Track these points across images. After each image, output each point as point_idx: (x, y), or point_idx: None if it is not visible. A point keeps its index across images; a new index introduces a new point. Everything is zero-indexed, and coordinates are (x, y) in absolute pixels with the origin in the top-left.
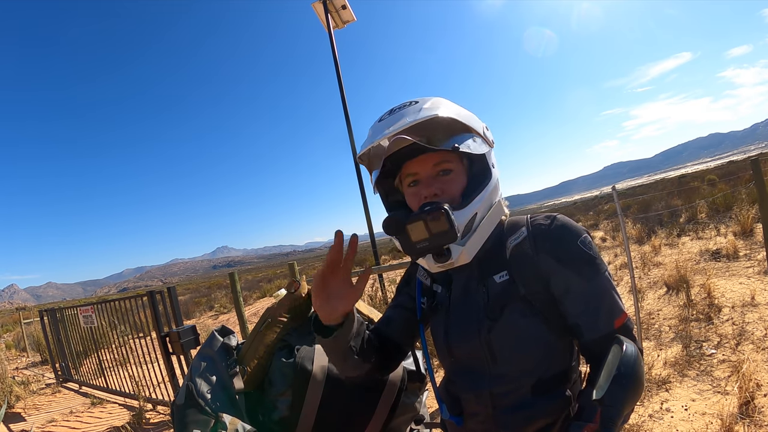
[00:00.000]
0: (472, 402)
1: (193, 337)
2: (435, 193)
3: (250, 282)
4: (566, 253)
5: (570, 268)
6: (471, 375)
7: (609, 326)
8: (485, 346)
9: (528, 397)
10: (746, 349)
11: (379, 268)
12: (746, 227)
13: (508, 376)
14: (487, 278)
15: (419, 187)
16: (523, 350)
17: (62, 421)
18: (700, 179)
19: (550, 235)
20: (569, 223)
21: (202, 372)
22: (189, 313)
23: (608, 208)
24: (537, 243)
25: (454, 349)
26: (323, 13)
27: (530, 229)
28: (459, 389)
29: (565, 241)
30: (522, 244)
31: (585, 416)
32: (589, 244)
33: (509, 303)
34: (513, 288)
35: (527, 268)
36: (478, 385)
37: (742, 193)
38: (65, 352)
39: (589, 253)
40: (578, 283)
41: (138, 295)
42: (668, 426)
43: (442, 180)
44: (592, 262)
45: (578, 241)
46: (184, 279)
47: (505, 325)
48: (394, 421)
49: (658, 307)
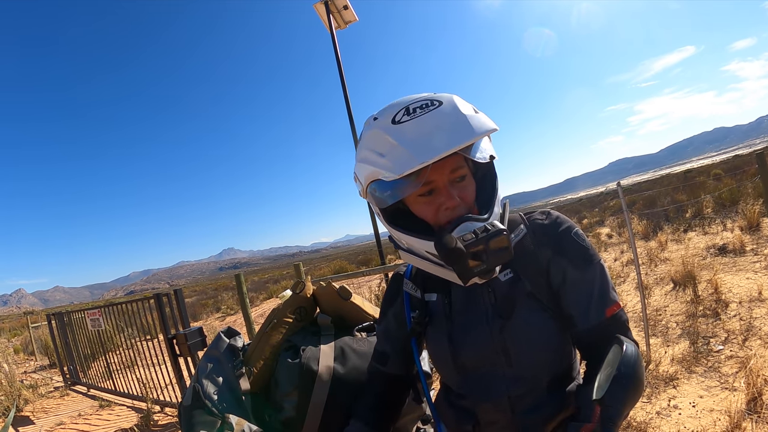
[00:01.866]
0: (490, 411)
1: (200, 338)
2: (457, 202)
3: (257, 283)
4: (562, 245)
5: (565, 259)
6: (484, 382)
7: (600, 315)
8: (499, 348)
9: (545, 396)
10: (754, 345)
11: (385, 267)
12: (753, 222)
13: (525, 376)
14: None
15: (436, 196)
16: (537, 348)
17: (71, 424)
18: (706, 174)
19: (547, 230)
20: (562, 217)
21: (209, 373)
22: (196, 315)
23: (614, 205)
24: (536, 238)
25: (462, 357)
26: (325, 13)
27: (528, 225)
28: (472, 401)
29: (560, 234)
30: (523, 241)
31: (582, 416)
32: (581, 236)
33: (518, 300)
34: (519, 285)
35: (530, 263)
36: (496, 392)
37: (748, 188)
38: (73, 356)
39: (582, 244)
40: (572, 273)
41: (145, 297)
42: (676, 423)
43: (458, 187)
44: (585, 252)
45: (572, 233)
46: (190, 281)
47: (517, 323)
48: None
49: (665, 303)
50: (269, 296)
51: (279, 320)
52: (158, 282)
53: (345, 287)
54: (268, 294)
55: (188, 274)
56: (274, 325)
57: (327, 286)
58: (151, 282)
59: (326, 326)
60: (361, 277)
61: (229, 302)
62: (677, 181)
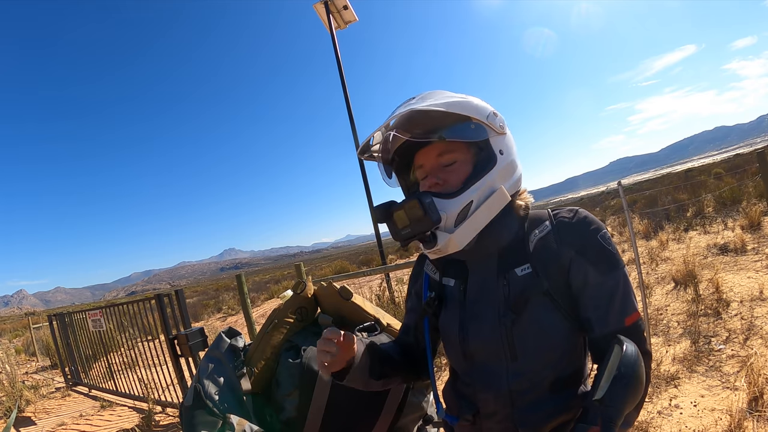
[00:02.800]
0: (490, 402)
1: (201, 339)
2: (436, 183)
3: (258, 283)
4: (586, 246)
5: (589, 261)
6: (488, 373)
7: (620, 323)
8: (506, 342)
9: (546, 395)
10: (755, 344)
11: (386, 267)
12: (754, 221)
13: (528, 373)
14: (508, 271)
15: (425, 178)
16: (544, 346)
17: (72, 425)
18: (707, 173)
19: (572, 228)
20: (591, 217)
21: (210, 373)
22: (197, 316)
23: (615, 204)
24: (561, 235)
25: (470, 346)
26: (325, 14)
27: (554, 222)
28: (475, 390)
29: (586, 234)
30: (546, 238)
31: (589, 419)
32: (608, 239)
33: (532, 297)
34: (536, 282)
35: (551, 261)
36: (497, 384)
37: (749, 187)
38: (74, 356)
39: (608, 248)
40: (594, 277)
41: (146, 298)
42: (677, 422)
43: (445, 171)
44: (611, 257)
45: (598, 235)
46: (191, 281)
47: (528, 319)
48: (402, 420)
49: (666, 303)
50: (270, 296)
51: (280, 320)
52: (159, 282)
53: (346, 287)
54: (269, 294)
55: (189, 274)
56: (275, 326)
57: (328, 286)
58: (153, 282)
59: (327, 326)
60: (362, 277)
61: (230, 303)
62: (678, 180)
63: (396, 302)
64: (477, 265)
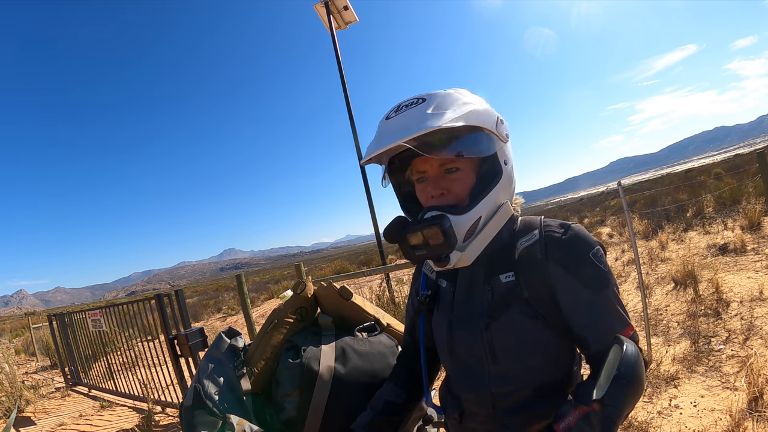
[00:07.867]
0: (472, 402)
1: (201, 339)
2: (441, 192)
3: (258, 284)
4: (577, 264)
5: (579, 279)
6: (471, 374)
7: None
8: (486, 344)
9: (530, 399)
10: (755, 344)
11: (386, 267)
12: (753, 221)
13: (509, 377)
14: (493, 277)
15: (426, 184)
16: (523, 351)
17: (72, 425)
18: (707, 173)
19: (562, 245)
20: (583, 234)
21: (210, 373)
22: (197, 316)
23: (615, 204)
24: (548, 250)
25: (456, 346)
26: (325, 14)
27: (543, 234)
28: (460, 389)
29: (577, 252)
30: (532, 248)
31: (580, 398)
32: (601, 257)
33: (513, 303)
34: (517, 290)
35: (534, 272)
36: (479, 385)
37: (749, 187)
38: (74, 356)
39: (599, 266)
40: (586, 295)
41: (146, 298)
42: (677, 422)
43: (448, 179)
44: (602, 275)
45: (590, 253)
46: (191, 281)
47: (505, 323)
48: None
49: (666, 303)
50: (270, 296)
51: (280, 320)
52: (159, 282)
53: (346, 287)
54: (269, 294)
55: (189, 274)
56: (275, 326)
57: (328, 286)
58: (152, 282)
59: (327, 326)
60: (362, 277)
61: (230, 303)
62: (678, 181)
63: (396, 302)
64: (467, 268)
